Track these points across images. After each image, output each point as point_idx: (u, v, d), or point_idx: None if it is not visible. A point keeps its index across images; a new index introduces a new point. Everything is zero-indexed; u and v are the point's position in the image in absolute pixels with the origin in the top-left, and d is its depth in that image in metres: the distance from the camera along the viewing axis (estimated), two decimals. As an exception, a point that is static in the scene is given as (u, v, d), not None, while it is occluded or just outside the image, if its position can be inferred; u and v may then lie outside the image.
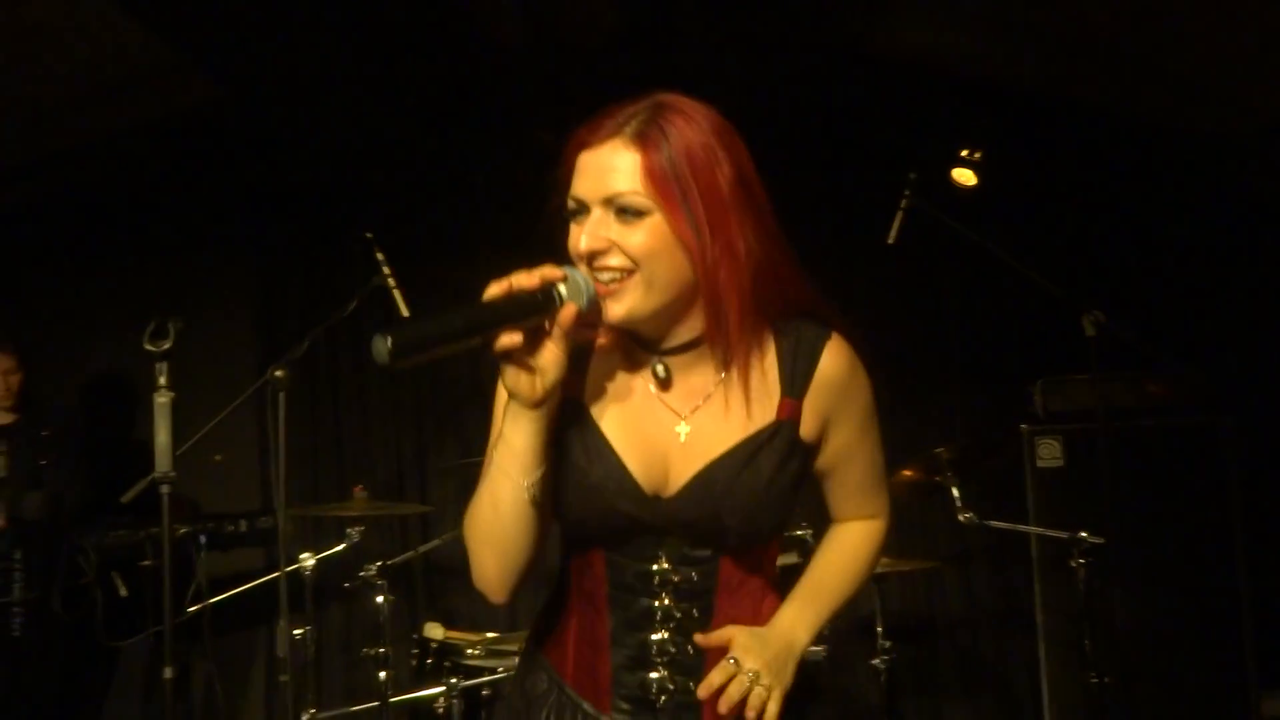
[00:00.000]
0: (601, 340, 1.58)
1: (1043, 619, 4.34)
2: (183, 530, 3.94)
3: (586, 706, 1.63)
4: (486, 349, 1.42)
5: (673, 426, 1.57)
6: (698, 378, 1.58)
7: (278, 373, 3.47)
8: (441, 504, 4.86)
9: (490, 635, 3.98)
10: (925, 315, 4.73)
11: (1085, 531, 3.56)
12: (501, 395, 1.54)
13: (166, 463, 2.29)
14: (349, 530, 3.93)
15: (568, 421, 1.57)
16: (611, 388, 1.60)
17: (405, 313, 3.89)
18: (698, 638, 1.56)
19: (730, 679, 1.49)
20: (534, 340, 1.45)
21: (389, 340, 1.31)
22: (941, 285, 4.81)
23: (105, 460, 4.62)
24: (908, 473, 3.87)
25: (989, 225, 4.04)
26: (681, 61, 4.36)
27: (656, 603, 1.58)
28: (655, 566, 1.57)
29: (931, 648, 4.85)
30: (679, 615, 1.58)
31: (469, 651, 3.82)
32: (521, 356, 1.45)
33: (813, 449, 1.61)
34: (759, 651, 1.52)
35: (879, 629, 4.00)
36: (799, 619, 1.60)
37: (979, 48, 4.36)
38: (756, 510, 1.53)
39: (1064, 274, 4.00)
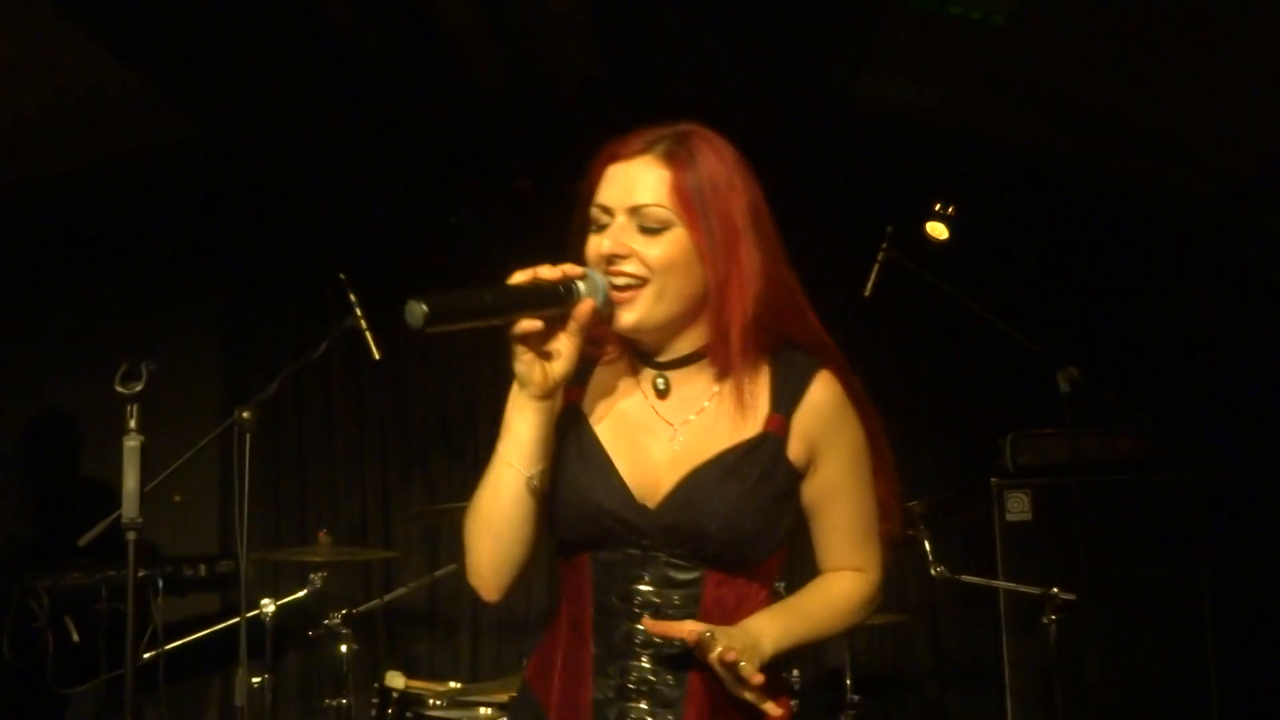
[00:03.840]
0: (607, 355, 1.67)
1: (1010, 675, 4.32)
2: (140, 574, 3.82)
3: None
4: (505, 331, 1.50)
5: (666, 437, 1.62)
6: (693, 391, 1.64)
7: (244, 414, 3.42)
8: (406, 550, 4.78)
9: (453, 685, 3.90)
10: (898, 368, 4.73)
11: (1056, 587, 3.57)
12: (513, 394, 1.61)
13: (134, 509, 2.22)
14: (312, 576, 3.84)
15: (566, 426, 1.64)
16: (610, 398, 1.66)
17: (377, 355, 3.85)
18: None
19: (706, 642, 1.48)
20: (549, 331, 1.53)
21: (424, 306, 1.37)
22: (915, 338, 4.83)
23: (52, 499, 4.50)
24: (879, 525, 3.85)
25: (964, 279, 4.07)
26: (659, 110, 4.36)
27: (638, 626, 1.57)
28: (639, 586, 1.58)
29: (899, 701, 4.81)
30: (658, 642, 1.57)
31: (431, 702, 3.73)
32: (536, 345, 1.52)
33: (798, 474, 1.62)
34: (723, 639, 1.49)
35: (848, 681, 3.97)
36: (767, 626, 1.57)
37: (954, 102, 4.42)
38: (738, 518, 1.55)
39: (1037, 329, 4.03)
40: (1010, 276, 4.71)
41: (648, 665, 1.57)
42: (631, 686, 1.58)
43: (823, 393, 1.62)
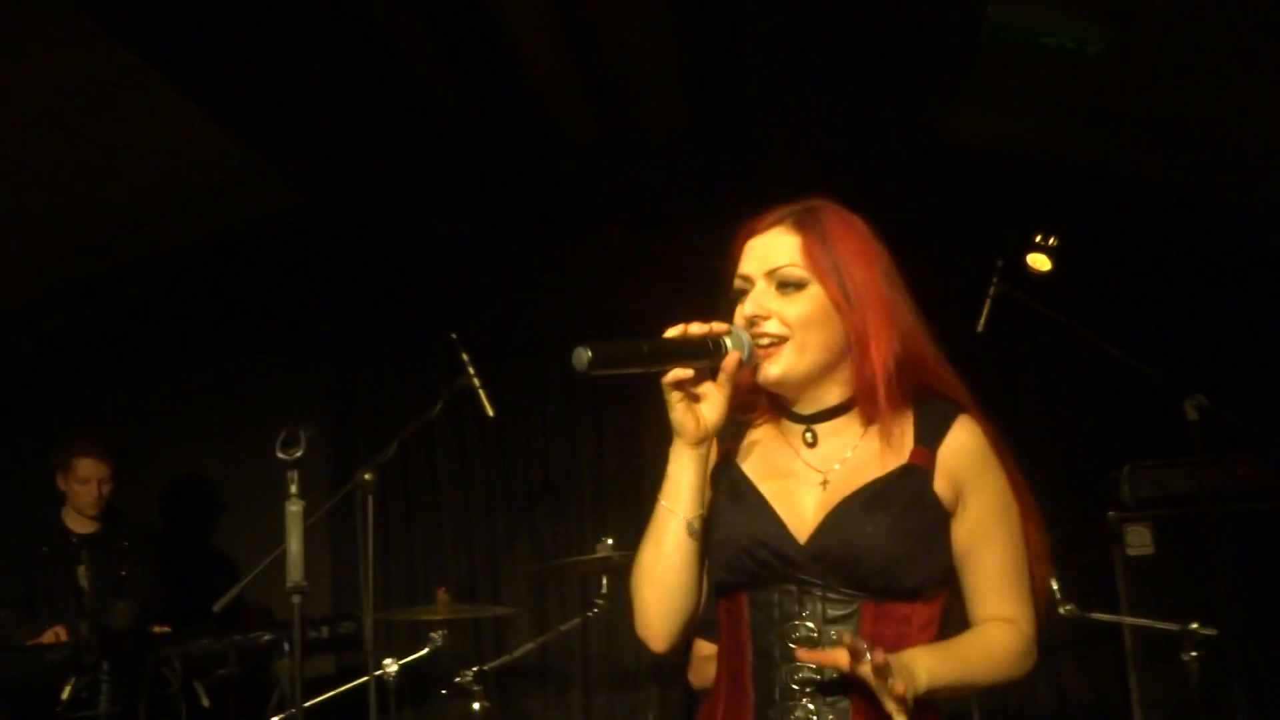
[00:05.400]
0: (757, 419, 1.76)
1: (1140, 715, 4.18)
2: (267, 637, 3.88)
3: None
4: (659, 380, 1.63)
5: (815, 482, 1.68)
6: (840, 441, 1.70)
7: (366, 476, 3.46)
8: (516, 606, 4.79)
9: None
10: (1013, 402, 4.66)
11: (1196, 622, 3.46)
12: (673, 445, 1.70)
13: (298, 572, 2.26)
14: (432, 635, 3.85)
15: (719, 474, 1.73)
16: (761, 453, 1.74)
17: (490, 413, 3.88)
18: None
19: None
20: (699, 382, 1.65)
21: (589, 352, 1.52)
22: (1027, 372, 4.75)
23: (184, 568, 4.59)
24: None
25: (1073, 310, 4.00)
26: (753, 157, 4.39)
27: (797, 664, 1.59)
28: (797, 623, 1.61)
29: (1023, 745, 4.69)
30: (817, 677, 1.58)
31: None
32: (689, 392, 1.64)
33: (946, 510, 1.65)
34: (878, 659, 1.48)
35: (976, 724, 3.88)
36: (923, 659, 1.56)
37: (1051, 132, 4.38)
38: (887, 542, 1.58)
39: (1149, 358, 3.94)
40: (1120, 305, 4.63)
41: (811, 706, 1.58)
42: None
43: (966, 434, 1.66)
